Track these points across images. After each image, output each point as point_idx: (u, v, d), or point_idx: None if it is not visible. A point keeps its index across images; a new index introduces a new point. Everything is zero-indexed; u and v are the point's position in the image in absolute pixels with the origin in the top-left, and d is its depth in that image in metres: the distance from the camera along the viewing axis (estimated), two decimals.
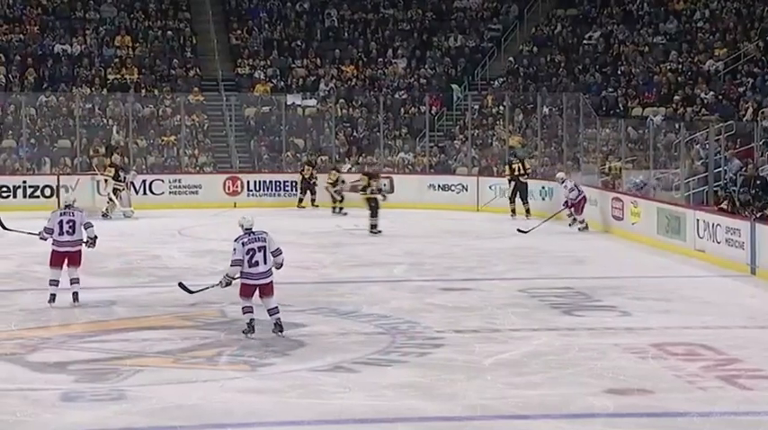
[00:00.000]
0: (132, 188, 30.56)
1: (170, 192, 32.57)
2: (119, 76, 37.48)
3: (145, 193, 31.60)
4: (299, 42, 39.54)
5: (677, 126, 28.53)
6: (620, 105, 33.02)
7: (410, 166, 34.28)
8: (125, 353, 14.03)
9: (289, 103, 36.11)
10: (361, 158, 34.52)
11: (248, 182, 33.31)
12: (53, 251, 17.04)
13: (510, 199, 28.94)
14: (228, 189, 32.44)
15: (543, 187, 29.89)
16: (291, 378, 12.93)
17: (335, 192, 30.65)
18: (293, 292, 18.24)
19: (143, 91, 36.79)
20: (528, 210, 28.51)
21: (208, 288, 16.11)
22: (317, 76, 38.11)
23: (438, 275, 20.08)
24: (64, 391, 12.41)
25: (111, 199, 29.11)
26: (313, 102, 36.72)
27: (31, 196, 31.68)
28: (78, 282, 16.38)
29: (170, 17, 40.48)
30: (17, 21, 39.45)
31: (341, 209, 30.50)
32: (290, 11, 40.77)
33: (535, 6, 40.22)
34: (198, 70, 38.49)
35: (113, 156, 31.74)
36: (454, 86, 36.99)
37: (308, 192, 31.99)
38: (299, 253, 22.13)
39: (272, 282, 15.59)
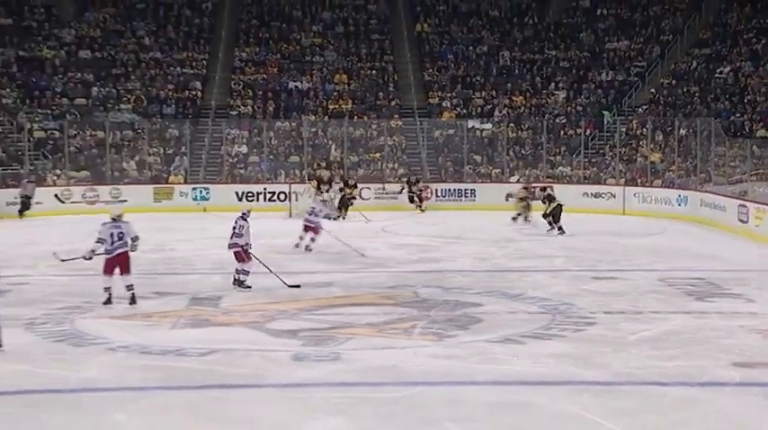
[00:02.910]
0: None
1: (375, 198, 32.75)
2: (337, 106, 37.96)
3: (356, 199, 31.89)
4: (478, 78, 39.51)
5: None
6: (746, 128, 32.17)
7: (567, 178, 33.95)
8: (340, 324, 14.19)
9: (469, 127, 36.11)
10: (527, 171, 34.27)
11: (436, 189, 33.36)
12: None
13: None
14: (423, 195, 32.54)
15: (679, 195, 29.34)
16: (471, 347, 12.93)
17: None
18: (473, 278, 18.26)
19: (355, 117, 37.16)
20: None
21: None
22: (492, 104, 38.01)
23: (590, 266, 19.88)
24: (294, 353, 12.64)
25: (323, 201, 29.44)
26: (489, 125, 36.66)
27: (269, 200, 32.38)
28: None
29: (377, 59, 40.80)
30: (261, 64, 40.18)
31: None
32: (471, 53, 40.72)
33: (674, 46, 39.37)
34: (398, 101, 38.76)
35: (319, 171, 32.19)
36: (605, 113, 36.51)
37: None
38: (477, 246, 22.07)
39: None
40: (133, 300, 15.21)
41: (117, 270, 15.45)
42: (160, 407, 10.43)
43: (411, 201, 30.82)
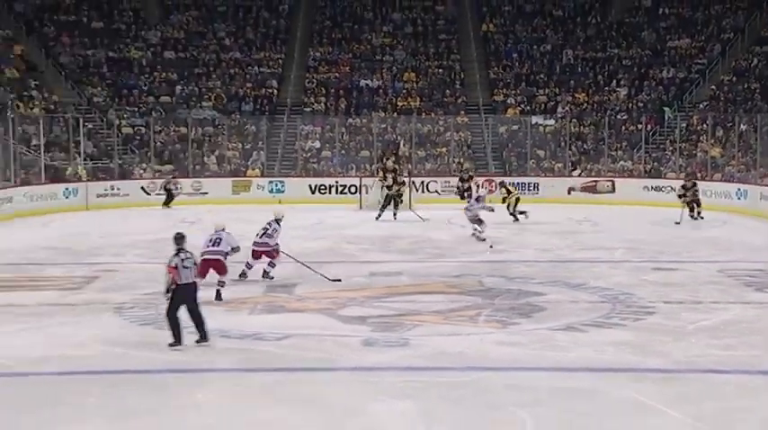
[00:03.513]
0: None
1: (441, 191, 32.67)
2: (405, 103, 37.94)
3: (422, 192, 31.89)
4: (542, 75, 39.28)
5: None
6: None
7: (629, 172, 33.61)
8: (408, 311, 14.21)
9: (533, 123, 35.93)
10: (589, 166, 34.04)
11: (502, 183, 32.92)
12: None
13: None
14: (487, 188, 32.41)
15: (739, 189, 28.98)
16: (533, 334, 12.90)
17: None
18: (536, 268, 18.19)
19: (423, 114, 37.14)
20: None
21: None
22: (555, 101, 37.77)
23: (650, 257, 19.65)
24: (364, 338, 12.67)
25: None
26: (552, 121, 36.43)
27: (341, 193, 32.44)
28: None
29: (444, 58, 40.69)
30: (334, 63, 40.30)
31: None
32: (535, 51, 40.47)
33: (735, 44, 38.82)
34: (464, 98, 38.65)
35: (388, 162, 32.08)
36: (666, 109, 36.11)
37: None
38: (540, 237, 21.98)
39: None
40: (219, 297, 15.20)
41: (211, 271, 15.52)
42: (238, 389, 10.53)
43: (461, 197, 29.64)
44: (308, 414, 9.73)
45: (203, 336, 11.95)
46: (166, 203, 30.53)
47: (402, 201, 28.19)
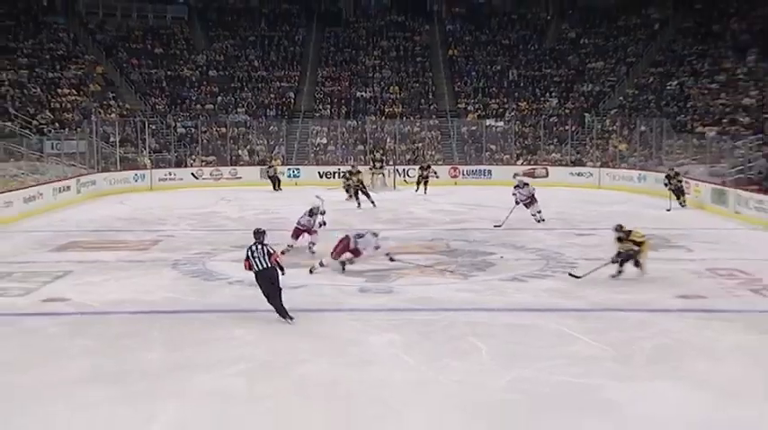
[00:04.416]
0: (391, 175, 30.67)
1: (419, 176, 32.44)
2: (391, 110, 37.64)
3: (403, 177, 31.57)
4: (493, 89, 39.01)
5: (725, 138, 27.55)
6: (689, 126, 31.66)
7: (558, 161, 33.55)
8: (393, 267, 14.17)
9: (487, 125, 35.75)
10: (529, 157, 34.00)
11: (464, 170, 33.02)
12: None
13: None
14: (451, 173, 32.36)
15: (639, 174, 29.08)
16: (487, 283, 12.97)
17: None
18: (489, 234, 18.16)
19: (404, 118, 36.90)
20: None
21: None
22: (504, 108, 37.58)
23: (574, 226, 19.64)
24: (360, 287, 12.76)
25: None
26: (501, 123, 36.23)
27: (342, 177, 31.37)
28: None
29: (420, 75, 40.39)
30: (337, 79, 39.91)
31: None
32: (489, 70, 40.24)
33: (637, 66, 38.69)
34: (435, 105, 38.45)
35: (377, 154, 31.93)
36: (586, 114, 35.96)
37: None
38: (492, 212, 21.95)
39: None
40: (312, 251, 15.32)
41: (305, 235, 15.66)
42: (265, 325, 10.58)
43: (418, 184, 28.13)
44: (318, 343, 9.80)
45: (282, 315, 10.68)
46: (277, 187, 29.85)
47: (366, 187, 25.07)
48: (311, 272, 13.52)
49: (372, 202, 23.53)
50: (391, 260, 13.78)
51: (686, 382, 8.42)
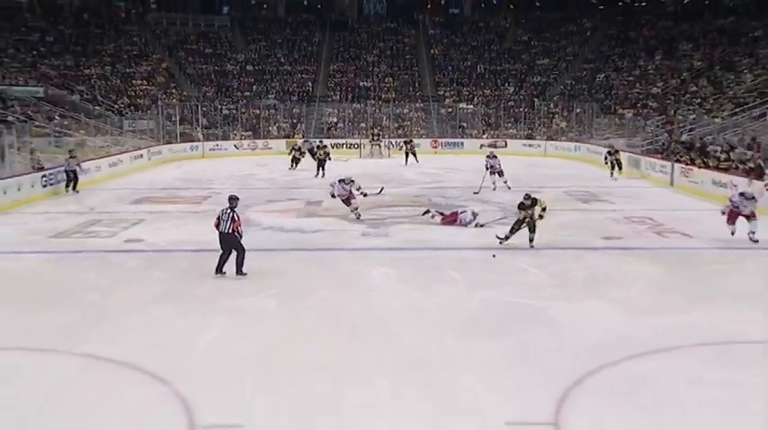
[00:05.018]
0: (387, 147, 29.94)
1: (399, 147, 31.72)
2: (386, 96, 37.02)
3: (396, 148, 31.30)
4: (465, 80, 38.32)
5: (638, 118, 27.49)
6: (612, 109, 31.52)
7: (514, 135, 33.08)
8: (389, 216, 14.18)
9: (460, 107, 35.36)
10: (492, 132, 33.74)
11: (442, 142, 32.19)
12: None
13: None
14: (432, 145, 32.05)
15: (576, 145, 28.92)
16: (461, 229, 12.83)
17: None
18: (461, 191, 17.96)
19: (396, 102, 36.29)
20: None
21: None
22: (473, 95, 36.93)
23: (525, 185, 18.89)
24: (362, 232, 12.73)
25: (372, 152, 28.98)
26: (471, 106, 35.79)
27: (349, 148, 30.57)
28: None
29: (409, 69, 39.89)
30: (345, 72, 39.32)
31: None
32: (462, 65, 39.53)
33: (574, 63, 38.23)
34: (420, 92, 37.87)
35: (374, 130, 31.67)
36: (535, 100, 35.56)
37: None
38: (463, 174, 21.71)
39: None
40: (358, 217, 13.66)
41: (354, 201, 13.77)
42: (289, 260, 10.62)
43: (406, 156, 25.87)
44: (329, 275, 9.85)
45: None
46: (321, 166, 22.65)
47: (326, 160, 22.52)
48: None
49: (324, 174, 21.08)
50: (480, 226, 12.58)
51: (607, 302, 8.50)
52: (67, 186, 17.38)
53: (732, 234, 11.54)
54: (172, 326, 7.70)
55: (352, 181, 13.85)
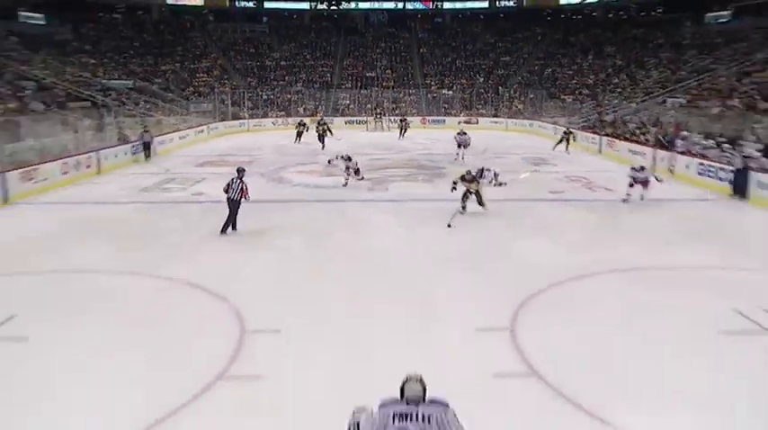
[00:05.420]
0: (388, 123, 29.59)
1: (396, 124, 31.37)
2: (387, 84, 36.28)
3: (392, 123, 30.71)
4: (446, 72, 37.42)
5: (576, 103, 26.81)
6: (558, 95, 30.81)
7: (484, 114, 32.35)
8: (389, 175, 13.87)
9: (443, 93, 34.37)
10: (467, 111, 32.94)
11: (429, 119, 31.46)
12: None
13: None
14: (422, 121, 31.20)
15: (530, 123, 28.42)
16: (442, 184, 12.49)
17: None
18: (442, 157, 17.53)
19: (394, 89, 35.33)
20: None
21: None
22: (453, 83, 36.02)
23: (493, 152, 18.81)
24: (369, 187, 12.49)
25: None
26: (451, 92, 34.83)
27: (358, 124, 30.56)
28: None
29: (405, 63, 38.94)
30: (355, 66, 38.46)
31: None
32: (443, 61, 38.56)
33: (529, 59, 37.17)
34: (413, 82, 36.89)
35: (377, 110, 30.99)
36: (500, 87, 34.71)
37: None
38: (445, 144, 21.17)
39: None
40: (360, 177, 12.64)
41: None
42: (313, 209, 10.50)
43: (401, 132, 24.56)
44: (343, 220, 9.74)
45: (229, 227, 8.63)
46: (321, 139, 20.62)
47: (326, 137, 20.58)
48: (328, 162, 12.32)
49: (323, 146, 19.59)
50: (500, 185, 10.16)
51: (551, 241, 8.43)
52: (145, 155, 17.15)
53: (627, 196, 10.67)
54: (227, 258, 7.67)
55: (350, 158, 12.61)
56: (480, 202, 9.83)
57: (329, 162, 12.99)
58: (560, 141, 19.48)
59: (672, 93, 21.67)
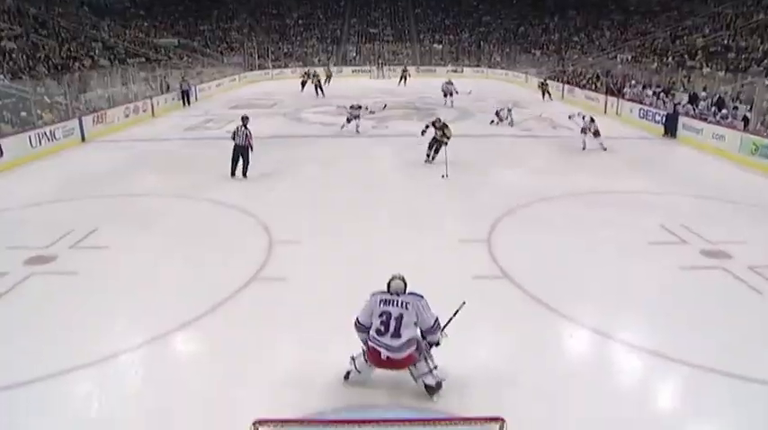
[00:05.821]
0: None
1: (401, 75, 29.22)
2: (389, 45, 34.10)
3: (392, 72, 28.95)
4: (437, 36, 34.99)
5: (544, 57, 25.15)
6: (530, 51, 28.74)
7: (468, 65, 30.09)
8: (388, 116, 12.99)
9: (433, 47, 32.14)
10: (453, 63, 30.88)
11: (422, 68, 29.56)
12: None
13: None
14: (416, 71, 29.24)
15: (506, 73, 26.82)
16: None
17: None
18: (435, 100, 16.57)
19: (393, 43, 33.21)
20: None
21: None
22: (441, 42, 33.83)
23: (474, 97, 17.37)
24: (373, 125, 11.80)
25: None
26: (440, 46, 32.51)
27: (363, 72, 28.99)
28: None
29: (403, 34, 36.24)
30: (362, 41, 35.92)
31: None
32: (435, 32, 36.00)
33: (506, 19, 34.44)
34: (409, 36, 34.40)
35: (379, 60, 28.93)
36: (482, 42, 32.20)
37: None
38: (437, 89, 19.96)
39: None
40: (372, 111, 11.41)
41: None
42: (327, 142, 10.07)
43: (400, 80, 22.95)
44: (352, 151, 9.38)
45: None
46: (317, 89, 18.60)
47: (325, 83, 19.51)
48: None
49: (323, 94, 17.94)
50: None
51: (523, 169, 8.15)
52: (183, 101, 16.21)
53: (583, 147, 9.37)
54: (256, 184, 7.42)
55: (360, 107, 11.18)
56: (432, 158, 8.16)
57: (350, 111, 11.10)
58: (544, 93, 17.86)
59: (620, 50, 20.59)
